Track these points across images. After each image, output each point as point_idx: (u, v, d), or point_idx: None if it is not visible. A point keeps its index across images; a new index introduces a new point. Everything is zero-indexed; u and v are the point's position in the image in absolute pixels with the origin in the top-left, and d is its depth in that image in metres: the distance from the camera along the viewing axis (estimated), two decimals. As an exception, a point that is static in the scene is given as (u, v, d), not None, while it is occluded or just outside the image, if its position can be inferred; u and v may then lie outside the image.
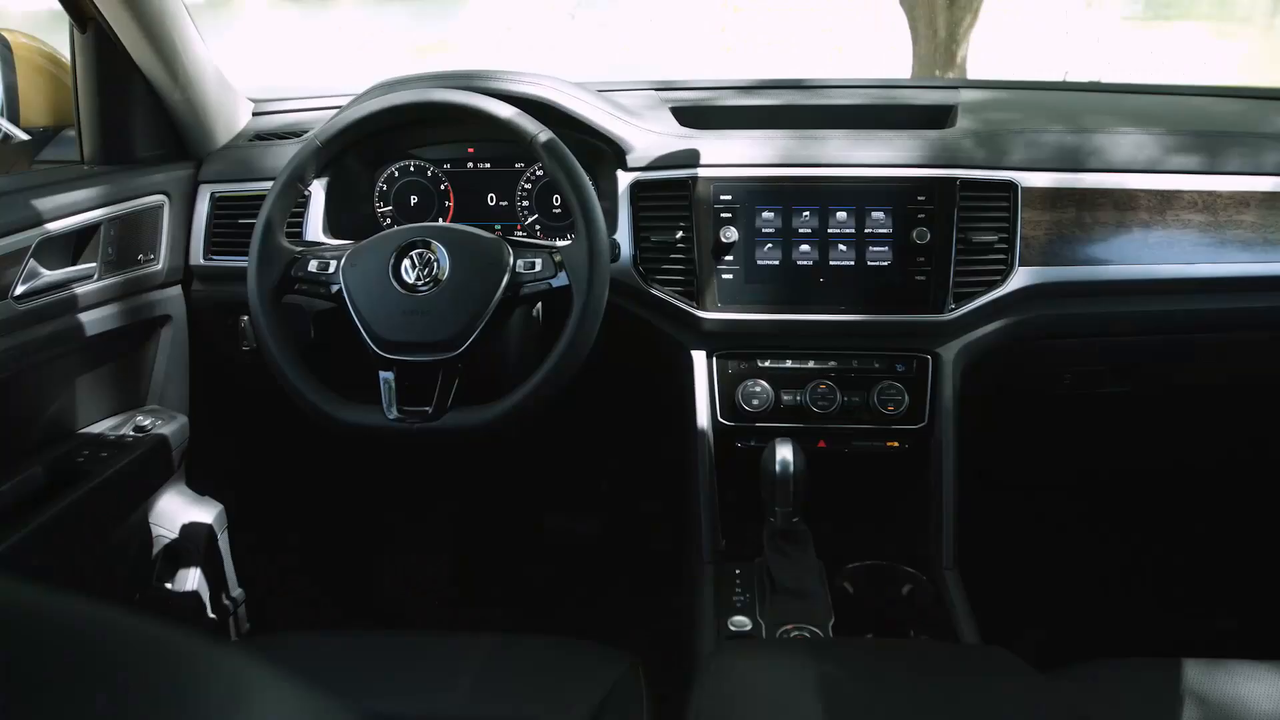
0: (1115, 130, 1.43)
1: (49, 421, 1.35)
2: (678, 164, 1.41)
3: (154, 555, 1.54)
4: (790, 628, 1.18)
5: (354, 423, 1.23)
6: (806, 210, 1.38)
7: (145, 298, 1.46)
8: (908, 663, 0.94)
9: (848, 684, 0.88)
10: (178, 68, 1.42)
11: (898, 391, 1.38)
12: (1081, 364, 1.49)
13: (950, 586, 1.28)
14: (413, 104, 1.28)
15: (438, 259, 1.25)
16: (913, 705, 0.85)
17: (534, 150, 1.25)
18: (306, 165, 1.28)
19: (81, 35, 1.36)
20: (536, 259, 1.25)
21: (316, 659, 1.19)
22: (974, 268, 1.37)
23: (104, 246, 1.36)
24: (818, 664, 0.92)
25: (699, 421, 1.40)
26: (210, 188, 1.52)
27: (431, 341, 1.22)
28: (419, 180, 1.56)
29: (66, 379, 1.37)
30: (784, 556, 1.26)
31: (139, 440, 1.42)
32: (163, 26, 1.36)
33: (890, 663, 0.94)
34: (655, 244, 1.41)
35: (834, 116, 1.55)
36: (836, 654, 0.96)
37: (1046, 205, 1.38)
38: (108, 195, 1.36)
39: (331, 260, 1.28)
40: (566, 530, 2.02)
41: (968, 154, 1.39)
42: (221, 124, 1.56)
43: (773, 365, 1.41)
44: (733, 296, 1.39)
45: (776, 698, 0.87)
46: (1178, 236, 1.38)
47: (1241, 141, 1.41)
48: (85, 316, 1.34)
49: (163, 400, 1.53)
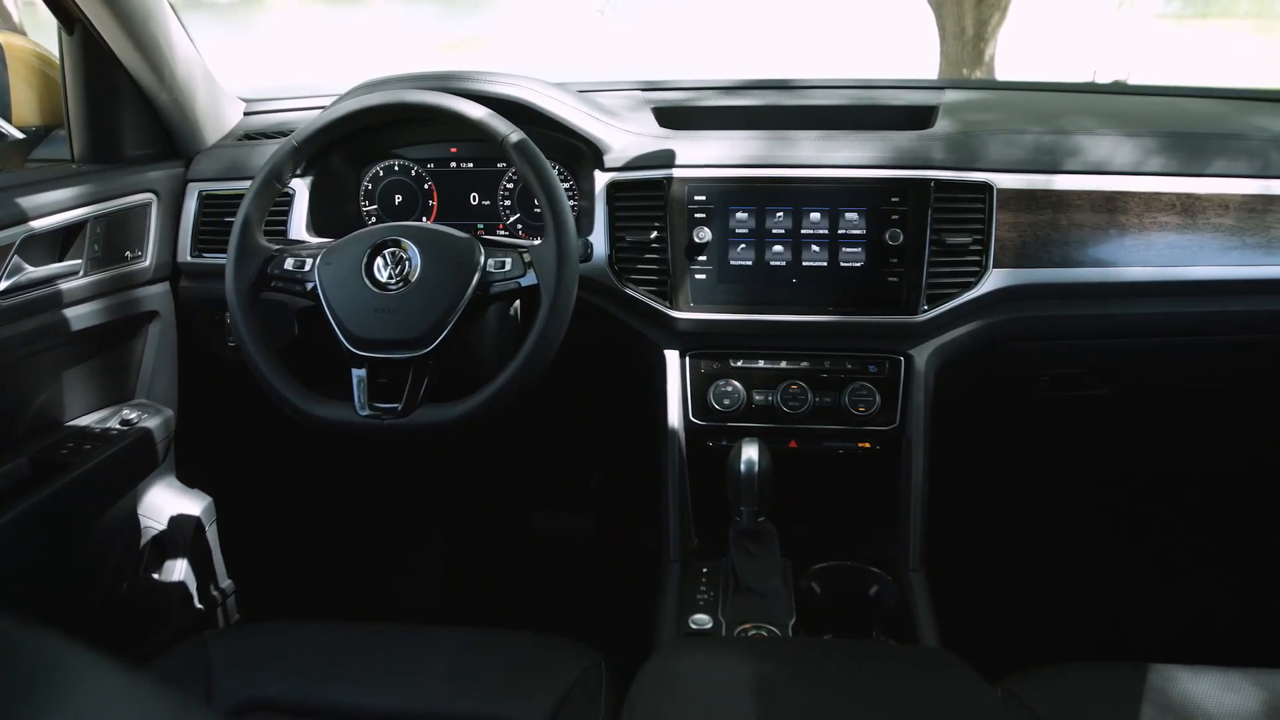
0: (1094, 131, 1.42)
1: (35, 414, 1.38)
2: (653, 164, 1.42)
3: (142, 546, 1.57)
4: (748, 626, 1.19)
5: (325, 418, 1.25)
6: (780, 211, 1.39)
7: (133, 294, 1.49)
8: (849, 664, 0.94)
9: (784, 683, 0.88)
10: (164, 69, 1.45)
11: (869, 392, 1.38)
12: (1058, 366, 1.48)
13: (915, 588, 1.28)
14: (386, 105, 1.30)
15: (410, 258, 1.26)
16: (843, 706, 0.85)
17: (505, 150, 1.26)
18: (284, 165, 1.30)
19: (69, 37, 1.39)
20: (507, 258, 1.27)
21: (288, 649, 1.22)
22: (947, 269, 1.37)
23: (90, 244, 1.39)
24: (758, 663, 0.92)
25: (670, 420, 1.41)
26: (198, 186, 1.55)
27: (402, 339, 1.24)
28: (403, 179, 1.58)
29: (53, 373, 1.40)
30: (748, 555, 1.27)
31: (124, 433, 1.45)
32: (147, 28, 1.39)
33: (831, 663, 0.94)
34: (630, 243, 1.42)
35: (815, 117, 1.56)
36: (779, 653, 0.97)
37: (1022, 207, 1.37)
38: (94, 194, 1.40)
39: (308, 259, 1.30)
40: (555, 527, 2.03)
41: (943, 155, 1.38)
42: (210, 123, 1.59)
43: (745, 365, 1.42)
44: (705, 296, 1.40)
45: (711, 695, 0.87)
46: (1154, 239, 1.37)
47: (1222, 143, 1.40)
48: (71, 312, 1.37)
49: (151, 394, 1.57)
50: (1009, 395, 1.54)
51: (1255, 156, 1.38)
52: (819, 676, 0.90)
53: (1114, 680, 1.07)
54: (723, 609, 1.24)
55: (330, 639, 1.24)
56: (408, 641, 1.22)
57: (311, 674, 1.17)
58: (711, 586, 1.29)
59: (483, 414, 1.24)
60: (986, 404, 1.57)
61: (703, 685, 0.89)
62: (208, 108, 1.58)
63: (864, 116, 1.56)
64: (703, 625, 1.22)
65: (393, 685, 1.15)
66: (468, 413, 1.24)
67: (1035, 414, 1.63)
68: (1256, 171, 1.37)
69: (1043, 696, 1.05)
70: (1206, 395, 1.60)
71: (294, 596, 1.94)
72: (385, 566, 2.08)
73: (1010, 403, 1.57)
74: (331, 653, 1.21)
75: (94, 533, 1.47)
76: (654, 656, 0.95)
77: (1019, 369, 1.49)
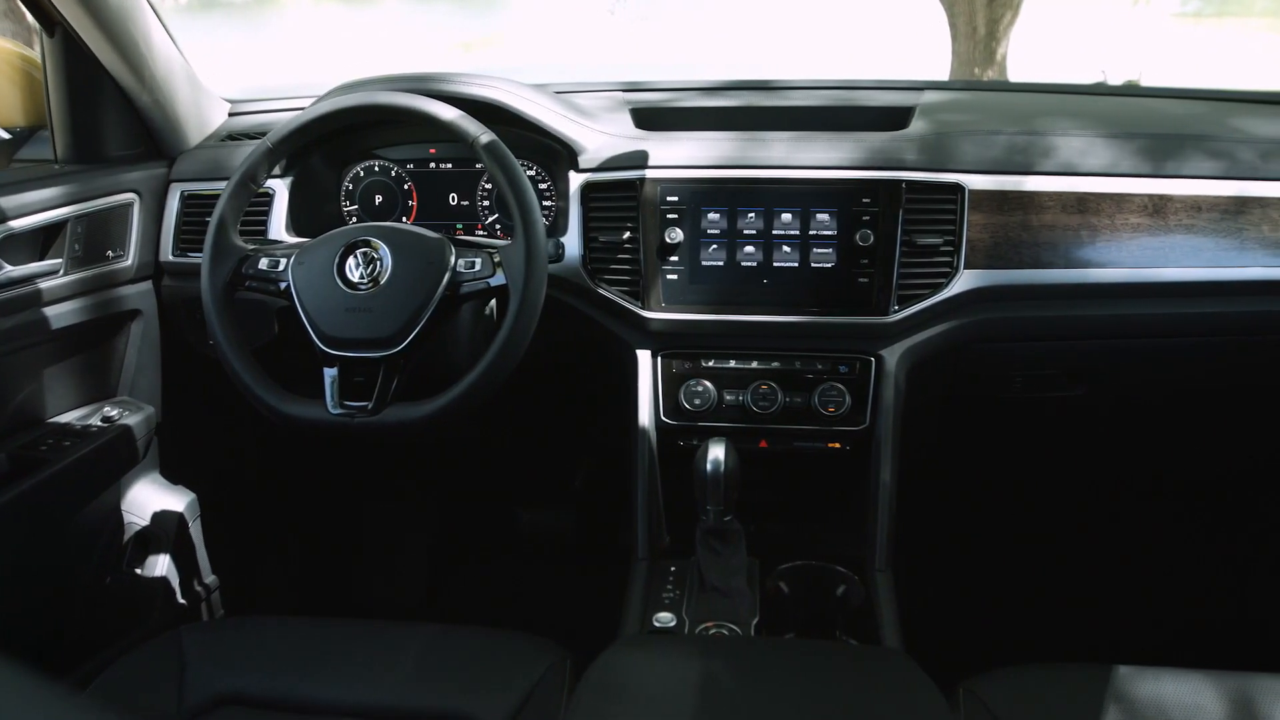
0: (1067, 133, 1.42)
1: (16, 411, 1.41)
2: (627, 165, 1.43)
3: (125, 541, 1.60)
4: (710, 625, 1.20)
5: (297, 416, 1.27)
6: (751, 212, 1.39)
7: (114, 293, 1.51)
8: (797, 663, 0.95)
9: (728, 682, 0.89)
10: (144, 70, 1.47)
11: (839, 393, 1.38)
12: (1032, 367, 1.48)
13: (880, 589, 1.28)
14: (359, 106, 1.32)
15: (381, 258, 1.28)
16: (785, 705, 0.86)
17: (475, 151, 1.28)
18: (259, 166, 1.32)
19: (49, 39, 1.41)
20: (476, 258, 1.28)
21: (261, 644, 1.23)
22: (918, 270, 1.37)
23: (70, 243, 1.41)
24: (706, 661, 0.93)
25: (641, 420, 1.42)
26: (181, 186, 1.57)
27: (373, 338, 1.25)
28: (383, 180, 1.60)
29: (34, 371, 1.42)
30: (714, 555, 1.27)
31: (104, 429, 1.47)
32: (126, 30, 1.41)
33: (779, 663, 0.95)
34: (604, 244, 1.43)
35: (792, 118, 1.56)
36: (728, 652, 0.98)
37: (994, 208, 1.37)
38: (75, 194, 1.42)
39: (282, 258, 1.31)
40: (539, 525, 2.04)
41: (915, 156, 1.39)
42: (193, 124, 1.61)
43: (716, 365, 1.42)
44: (677, 297, 1.41)
45: (654, 693, 0.88)
46: (1126, 240, 1.37)
47: (1195, 144, 1.40)
48: (51, 311, 1.39)
49: (134, 392, 1.59)
50: (984, 396, 1.54)
51: (1228, 158, 1.38)
52: (765, 676, 0.91)
53: (1076, 681, 1.08)
54: (687, 607, 1.25)
55: (303, 634, 1.25)
56: (378, 637, 1.23)
57: (282, 669, 1.19)
58: (678, 585, 1.30)
59: (451, 413, 1.25)
60: (961, 404, 1.57)
61: (648, 683, 0.90)
62: (190, 108, 1.59)
63: (841, 117, 1.56)
64: (666, 623, 1.22)
65: (361, 680, 1.16)
66: (436, 411, 1.25)
67: (1011, 415, 1.63)
68: (1229, 173, 1.37)
69: (1003, 697, 1.05)
70: (1181, 397, 1.60)
71: (279, 592, 1.96)
72: (371, 564, 2.10)
73: (985, 403, 1.57)
74: (303, 648, 1.22)
75: (76, 527, 1.49)
76: (603, 655, 0.96)
77: (992, 370, 1.49)
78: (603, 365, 1.50)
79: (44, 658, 1.43)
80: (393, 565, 2.10)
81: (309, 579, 2.03)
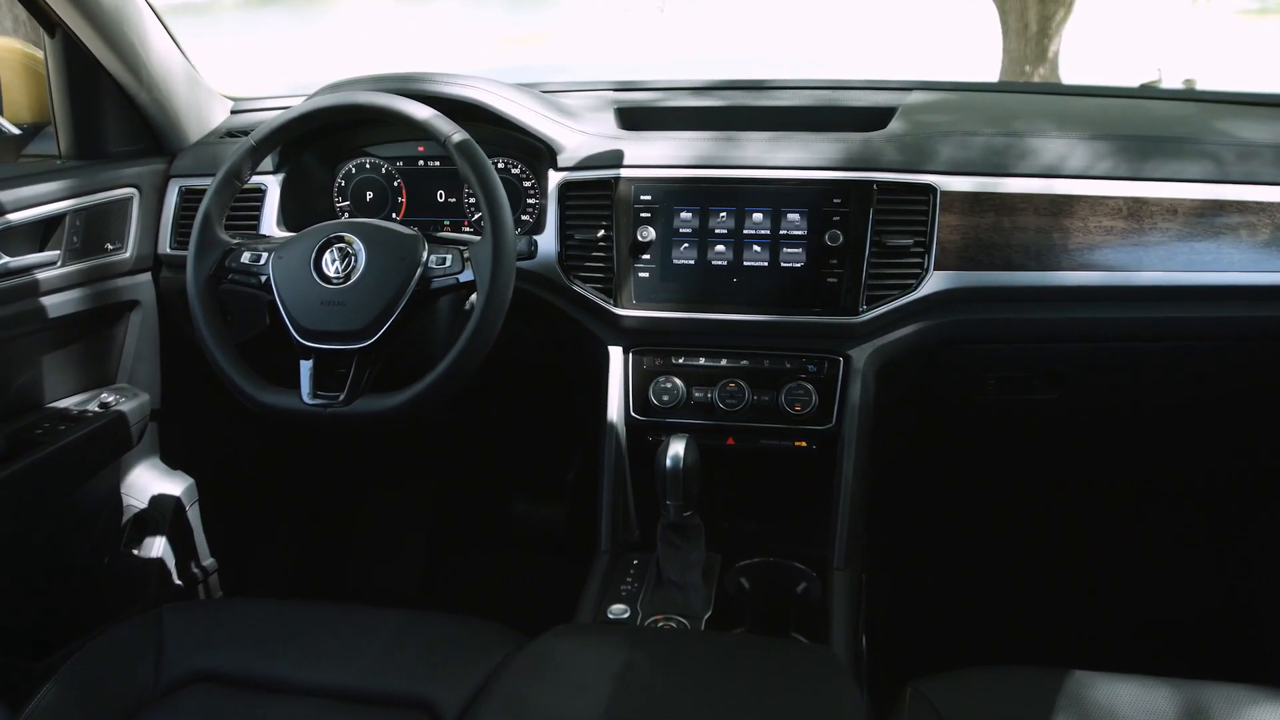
0: (1045, 134, 1.41)
1: (14, 396, 1.47)
2: (602, 164, 1.45)
3: (124, 523, 1.66)
4: (659, 618, 1.22)
5: (272, 404, 1.31)
6: (723, 211, 1.41)
7: (113, 284, 1.57)
8: (717, 656, 0.97)
9: (644, 670, 0.91)
10: (141, 70, 1.53)
11: (806, 392, 1.39)
12: (1005, 369, 1.48)
13: (836, 587, 1.29)
14: (338, 106, 1.35)
15: (356, 253, 1.31)
16: (696, 695, 0.88)
17: (448, 150, 1.31)
18: (242, 163, 1.36)
19: (51, 40, 1.47)
20: (448, 255, 1.31)
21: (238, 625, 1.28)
22: (888, 271, 1.38)
23: (68, 235, 1.47)
24: (631, 651, 0.95)
25: (610, 415, 1.44)
26: (179, 182, 1.63)
27: (346, 330, 1.29)
28: (374, 177, 1.64)
29: (32, 358, 1.49)
30: (673, 549, 1.29)
31: (99, 415, 1.53)
32: (122, 32, 1.46)
33: (700, 655, 0.97)
34: (579, 241, 1.45)
35: (774, 118, 1.57)
36: (656, 643, 1.00)
37: (966, 209, 1.37)
38: (74, 188, 1.48)
39: (264, 253, 1.36)
40: (531, 517, 2.08)
41: (889, 157, 1.39)
42: (193, 122, 1.67)
43: (686, 363, 1.44)
44: (648, 295, 1.43)
45: (574, 680, 0.91)
46: (1100, 243, 1.36)
47: (1174, 147, 1.38)
48: (48, 300, 1.46)
49: (133, 379, 1.65)
50: (956, 398, 1.54)
51: (1207, 160, 1.36)
52: (683, 666, 0.93)
53: (1028, 684, 1.08)
54: (642, 600, 1.27)
55: (279, 616, 1.30)
56: (349, 621, 1.27)
57: (256, 649, 1.23)
58: (637, 578, 1.32)
59: (420, 404, 1.28)
60: (934, 406, 1.57)
61: (571, 670, 0.92)
62: (189, 106, 1.65)
63: (823, 117, 1.57)
64: (619, 614, 1.25)
65: (330, 663, 1.20)
66: (405, 403, 1.28)
67: (984, 417, 1.62)
68: (1207, 176, 1.35)
69: (951, 698, 1.06)
70: (1156, 402, 1.58)
71: (277, 578, 2.01)
72: (366, 551, 2.15)
73: (958, 406, 1.57)
74: (278, 630, 1.27)
75: (74, 508, 1.55)
76: (533, 642, 0.99)
77: (965, 372, 1.49)
78: (579, 360, 1.53)
79: (40, 633, 1.49)
80: (388, 553, 2.14)
81: (305, 564, 2.08)
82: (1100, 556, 1.94)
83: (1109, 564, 1.93)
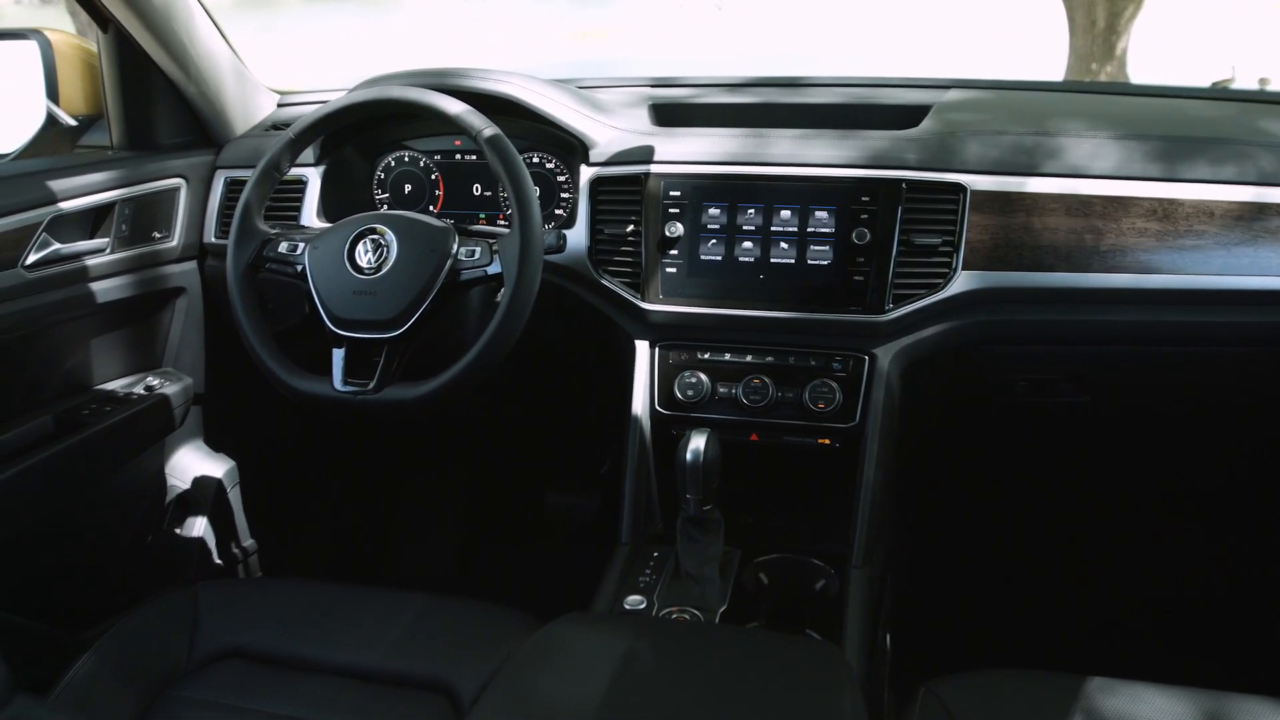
0: (1077, 134, 1.39)
1: (63, 378, 1.53)
2: (633, 160, 1.47)
3: (167, 502, 1.72)
4: (674, 610, 1.23)
5: (304, 390, 1.35)
6: (751, 208, 1.41)
7: (159, 271, 1.62)
8: (720, 648, 0.98)
9: (648, 661, 0.93)
10: (189, 65, 1.58)
11: (830, 390, 1.39)
12: (1033, 371, 1.46)
13: (853, 585, 1.29)
14: (373, 100, 1.39)
15: (388, 244, 1.34)
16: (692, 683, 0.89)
17: (479, 144, 1.33)
18: (281, 156, 1.40)
19: (104, 35, 1.53)
20: (477, 247, 1.33)
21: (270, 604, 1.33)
22: (915, 270, 1.37)
23: (117, 224, 1.52)
24: (635, 639, 0.97)
25: (635, 408, 1.45)
26: (225, 173, 1.68)
27: (377, 320, 1.32)
28: (412, 170, 1.67)
29: (81, 342, 1.54)
30: (692, 542, 1.30)
31: (143, 398, 1.58)
32: (171, 28, 1.51)
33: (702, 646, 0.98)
34: (608, 236, 1.47)
35: (807, 116, 1.57)
36: (662, 633, 1.01)
37: (996, 209, 1.36)
38: (123, 178, 1.53)
39: (301, 242, 1.39)
40: (565, 508, 2.10)
41: (917, 156, 1.38)
42: (240, 115, 1.72)
43: (711, 358, 1.45)
44: (675, 290, 1.44)
45: (576, 665, 0.92)
46: (1132, 245, 1.34)
47: (1212, 148, 1.35)
48: (97, 286, 1.51)
49: (178, 364, 1.70)
50: (984, 399, 1.52)
51: (1246, 162, 1.33)
52: (685, 657, 0.94)
53: (1043, 689, 1.07)
54: (659, 591, 1.28)
55: (309, 596, 1.34)
56: (375, 603, 1.31)
57: (286, 627, 1.28)
58: (656, 570, 1.34)
59: (446, 393, 1.31)
60: (962, 407, 1.56)
61: (574, 657, 0.94)
62: (236, 100, 1.70)
63: (856, 115, 1.56)
64: (636, 605, 1.26)
65: (354, 643, 1.24)
66: (431, 392, 1.31)
67: (1012, 419, 1.60)
68: (1246, 178, 1.32)
69: (963, 699, 1.06)
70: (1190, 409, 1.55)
71: (315, 561, 2.06)
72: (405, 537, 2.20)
73: (986, 407, 1.56)
74: (308, 609, 1.31)
75: (118, 488, 1.61)
76: (543, 629, 1.01)
77: (993, 373, 1.47)
78: (607, 353, 1.54)
79: (84, 605, 1.55)
80: (425, 539, 2.19)
81: (344, 549, 2.13)
82: (1126, 562, 1.91)
83: (1135, 571, 1.90)
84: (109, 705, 1.17)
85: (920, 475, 1.49)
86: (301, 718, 1.14)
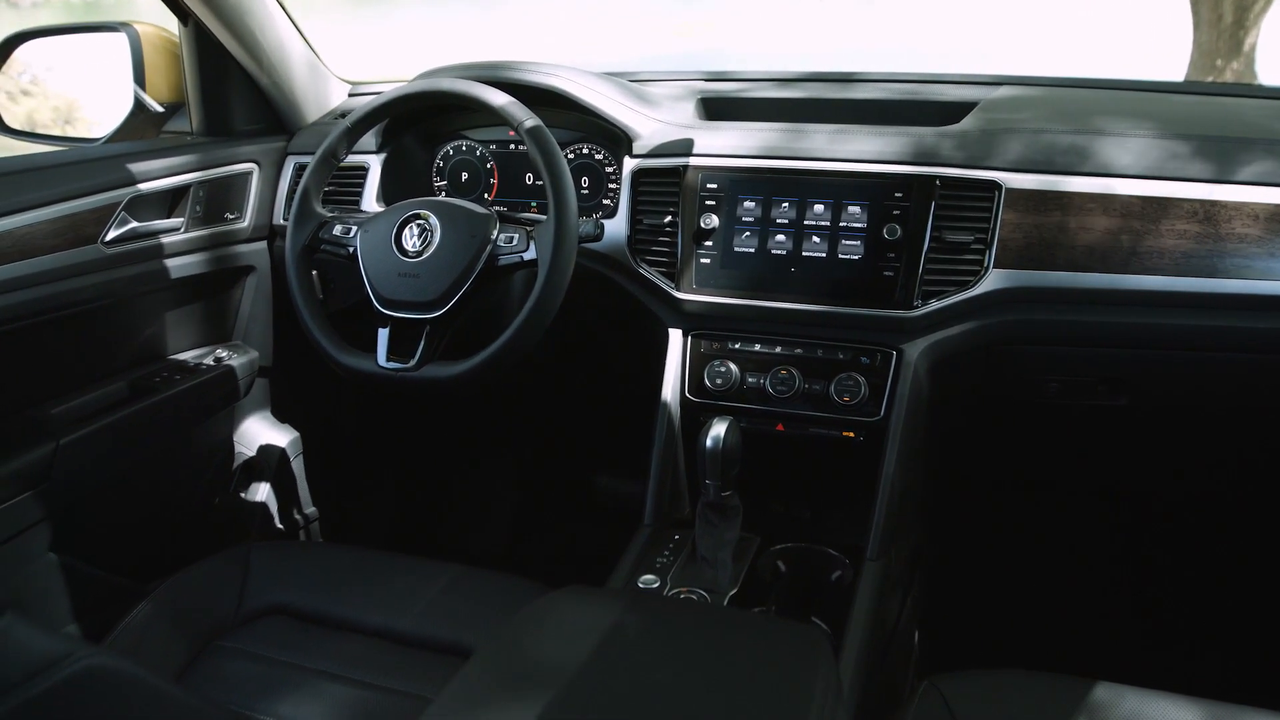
0: (1118, 132, 1.37)
1: (139, 347, 1.64)
2: (673, 152, 1.50)
3: (234, 468, 1.83)
4: (684, 590, 1.27)
5: (350, 365, 1.43)
6: (785, 202, 1.43)
7: (231, 250, 1.73)
8: (705, 625, 1.01)
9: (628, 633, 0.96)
10: (263, 56, 1.68)
11: (856, 383, 1.40)
12: (1067, 373, 1.44)
13: (865, 576, 1.30)
14: (423, 92, 1.45)
15: (433, 229, 1.41)
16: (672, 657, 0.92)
17: (521, 135, 1.39)
18: (339, 144, 1.48)
19: (184, 28, 1.64)
20: (515, 233, 1.39)
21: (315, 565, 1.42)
22: (945, 266, 1.37)
23: (192, 205, 1.63)
24: (624, 614, 1.00)
25: (665, 395, 1.49)
26: (295, 159, 1.77)
27: (419, 301, 1.39)
28: (469, 159, 1.74)
29: (156, 314, 1.66)
30: (710, 527, 1.33)
31: (211, 368, 1.69)
32: (244, 22, 1.61)
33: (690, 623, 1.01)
34: (646, 226, 1.51)
35: (851, 111, 1.58)
36: (651, 609, 1.04)
37: (1031, 207, 1.35)
38: (199, 162, 1.64)
39: (353, 226, 1.47)
40: (613, 490, 2.15)
41: (953, 152, 1.38)
42: (311, 104, 1.81)
43: (741, 348, 1.47)
44: (709, 280, 1.47)
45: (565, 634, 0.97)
46: (1170, 247, 1.31)
47: (1261, 149, 1.31)
48: (171, 262, 1.62)
49: (247, 338, 1.81)
50: (1015, 399, 1.51)
51: None
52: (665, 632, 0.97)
53: (1048, 691, 1.07)
54: (673, 573, 1.32)
55: (351, 560, 1.43)
56: (413, 570, 1.39)
57: (327, 589, 1.36)
58: (675, 552, 1.37)
59: (482, 372, 1.37)
60: (993, 406, 1.55)
61: (561, 626, 0.98)
62: (308, 90, 1.79)
63: (900, 111, 1.57)
64: (649, 584, 1.30)
65: (388, 607, 1.32)
66: (466, 371, 1.37)
67: (1044, 420, 1.58)
68: None
69: (965, 696, 1.06)
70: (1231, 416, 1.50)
71: (372, 531, 2.16)
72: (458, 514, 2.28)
73: (1017, 407, 1.54)
74: (350, 573, 1.39)
75: (189, 452, 1.72)
76: (541, 599, 1.05)
77: (1024, 373, 1.46)
78: (641, 339, 1.58)
79: (151, 558, 1.67)
80: (478, 516, 2.26)
81: (400, 522, 2.23)
82: (1153, 568, 1.86)
83: (1163, 577, 1.86)
84: (160, 651, 1.26)
85: (948, 472, 1.49)
86: (333, 673, 1.22)
